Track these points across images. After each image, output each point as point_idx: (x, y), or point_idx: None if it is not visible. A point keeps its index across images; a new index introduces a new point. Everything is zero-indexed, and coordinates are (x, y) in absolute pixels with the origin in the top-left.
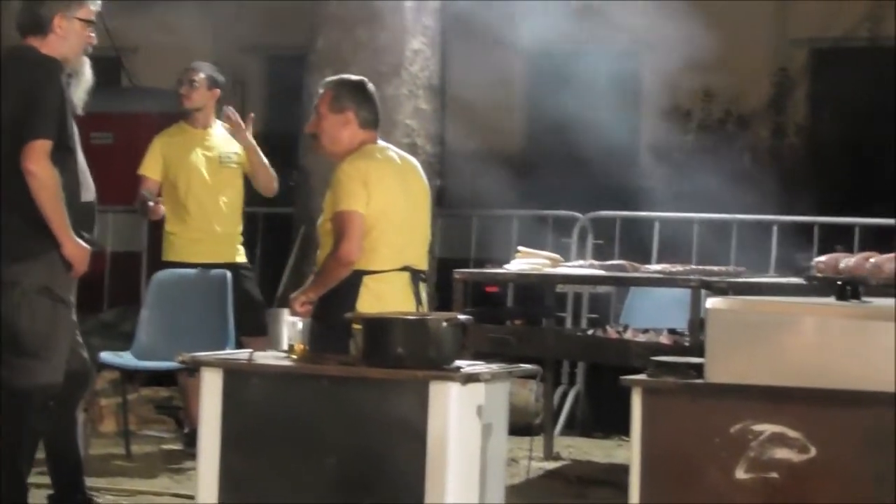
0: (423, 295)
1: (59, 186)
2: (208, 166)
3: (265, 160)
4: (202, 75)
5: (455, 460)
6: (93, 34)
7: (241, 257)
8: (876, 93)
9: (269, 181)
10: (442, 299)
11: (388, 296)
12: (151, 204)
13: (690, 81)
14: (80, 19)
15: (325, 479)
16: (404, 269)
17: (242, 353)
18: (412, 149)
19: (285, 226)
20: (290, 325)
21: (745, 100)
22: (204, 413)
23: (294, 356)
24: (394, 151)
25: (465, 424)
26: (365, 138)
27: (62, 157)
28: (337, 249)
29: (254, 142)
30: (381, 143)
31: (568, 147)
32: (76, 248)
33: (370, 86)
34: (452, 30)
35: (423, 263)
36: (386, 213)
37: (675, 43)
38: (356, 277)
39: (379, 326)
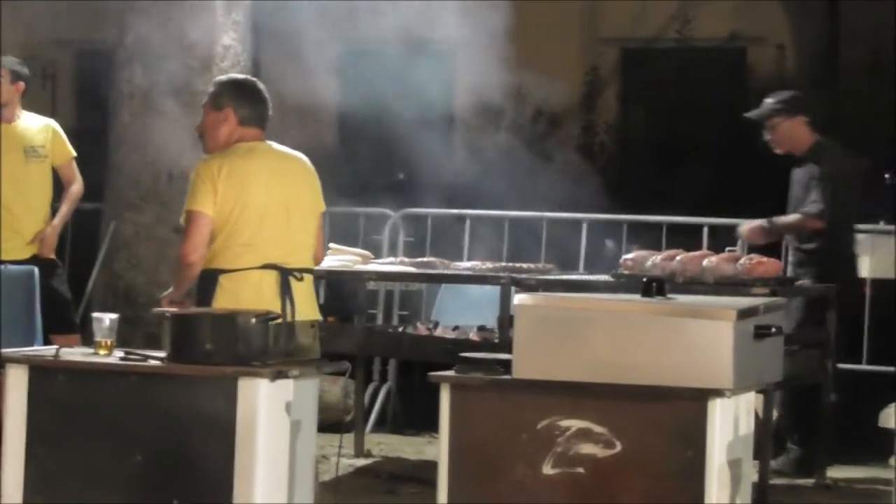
0: (302, 294)
1: None
2: (13, 162)
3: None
4: (4, 69)
5: (263, 457)
6: None
7: (49, 253)
8: (684, 92)
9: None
10: None
11: (244, 295)
12: None
13: (502, 80)
14: None
15: (133, 476)
16: (268, 267)
17: (48, 350)
18: None
19: (95, 221)
20: (98, 322)
21: (556, 98)
22: (8, 410)
23: (101, 352)
24: (275, 149)
25: (274, 421)
26: (244, 135)
27: None
28: (178, 249)
29: (57, 220)
30: (268, 142)
31: (380, 144)
32: None
33: (257, 85)
34: (264, 26)
35: (297, 262)
36: (242, 210)
37: (487, 41)
38: (212, 276)
39: (187, 322)
